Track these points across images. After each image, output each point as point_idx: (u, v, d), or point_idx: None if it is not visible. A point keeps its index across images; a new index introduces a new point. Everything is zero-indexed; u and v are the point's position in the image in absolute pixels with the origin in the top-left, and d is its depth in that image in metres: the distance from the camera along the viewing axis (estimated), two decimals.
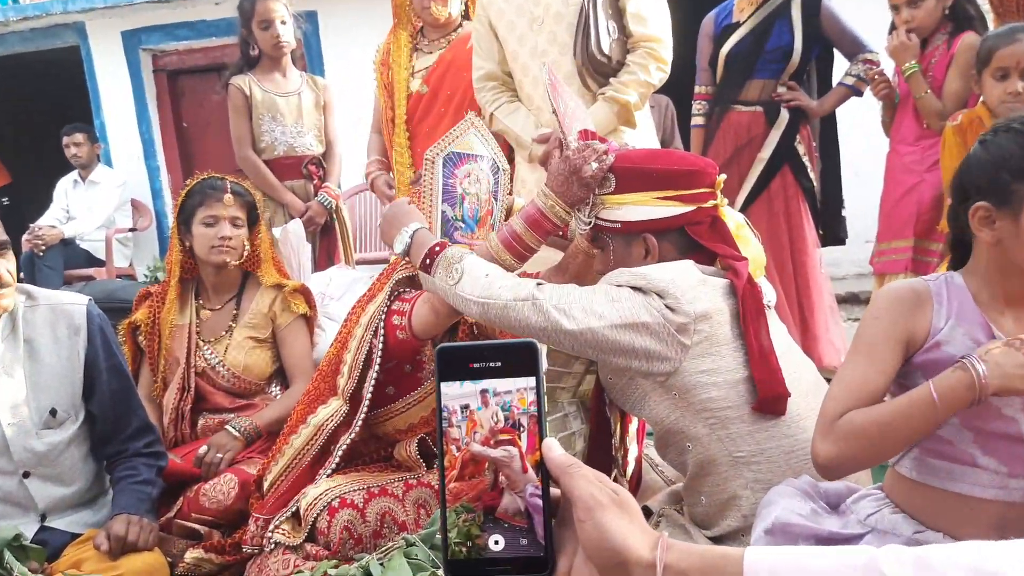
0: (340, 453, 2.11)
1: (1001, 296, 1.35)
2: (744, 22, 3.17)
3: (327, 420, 2.11)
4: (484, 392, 0.73)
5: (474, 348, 0.76)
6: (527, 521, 0.73)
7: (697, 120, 3.41)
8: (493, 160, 2.16)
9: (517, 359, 0.74)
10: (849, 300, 5.10)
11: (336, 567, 1.34)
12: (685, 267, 1.66)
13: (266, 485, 2.20)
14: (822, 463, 1.39)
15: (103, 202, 6.00)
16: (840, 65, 3.37)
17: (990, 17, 3.03)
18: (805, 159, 3.23)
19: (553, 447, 0.73)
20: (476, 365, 0.73)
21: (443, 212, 2.08)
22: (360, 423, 2.10)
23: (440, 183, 2.08)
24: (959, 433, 1.34)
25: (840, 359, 2.85)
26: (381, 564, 1.28)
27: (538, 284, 1.65)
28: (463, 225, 2.09)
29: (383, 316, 2.05)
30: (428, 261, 1.77)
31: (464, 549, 0.73)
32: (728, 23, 3.24)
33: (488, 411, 0.73)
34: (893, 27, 2.97)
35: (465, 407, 0.73)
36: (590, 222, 1.77)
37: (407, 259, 1.89)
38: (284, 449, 2.17)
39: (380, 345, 2.05)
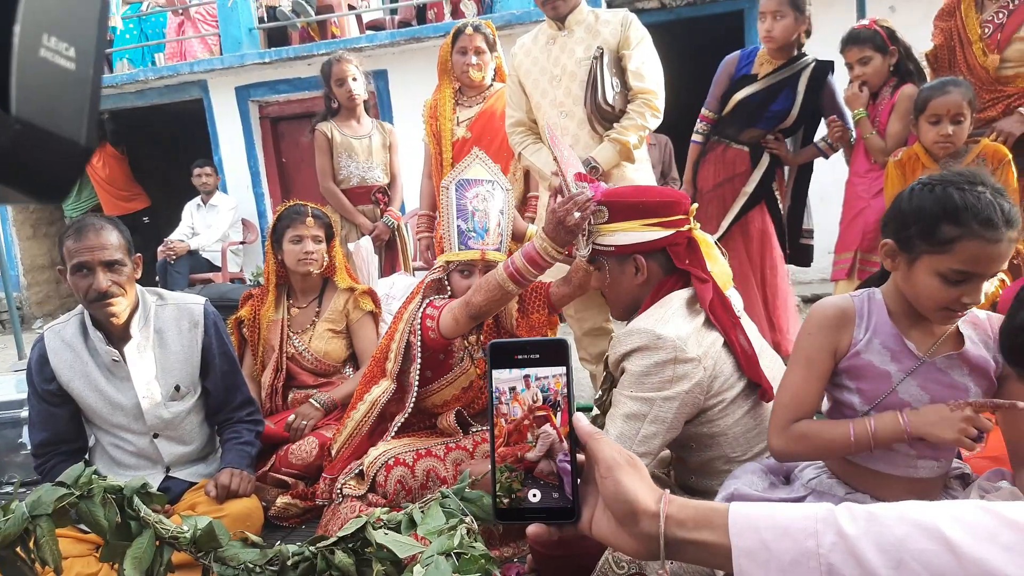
0: (396, 428, 2.14)
1: (912, 311, 1.33)
2: (761, 78, 3.04)
3: (379, 396, 2.14)
4: (527, 377, 0.74)
5: (519, 343, 0.76)
6: (558, 480, 0.74)
7: (697, 137, 3.27)
8: (496, 182, 2.17)
9: (552, 352, 0.75)
10: (813, 300, 5.01)
11: (387, 514, 1.36)
12: (680, 314, 1.60)
13: (334, 450, 2.23)
14: (776, 454, 1.43)
15: (220, 221, 6.08)
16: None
17: (928, 72, 2.96)
18: (777, 195, 3.17)
19: (581, 419, 0.74)
20: (520, 356, 0.75)
21: (458, 226, 2.10)
22: (412, 404, 2.12)
23: (454, 204, 2.10)
24: None
25: None
26: (422, 511, 1.30)
27: None
28: (475, 234, 2.11)
29: (419, 318, 2.07)
30: None
31: (507, 500, 0.74)
32: (747, 72, 3.10)
33: (530, 392, 0.74)
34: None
35: (512, 389, 0.74)
36: (589, 247, 1.74)
37: None
38: (347, 422, 2.20)
39: (419, 343, 2.06)
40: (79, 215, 7.15)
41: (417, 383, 2.09)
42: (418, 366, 2.07)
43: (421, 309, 2.09)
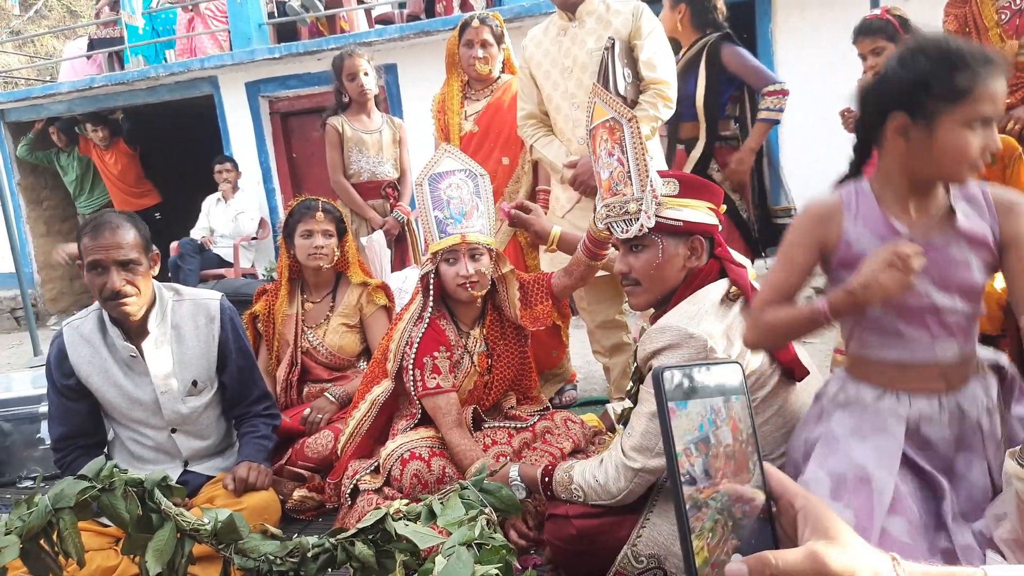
0: (408, 429, 2.17)
1: (903, 195, 1.32)
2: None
3: (378, 396, 2.18)
4: (727, 400, 0.61)
5: (693, 368, 0.61)
6: (764, 523, 0.60)
7: None
8: (469, 170, 2.19)
9: (727, 378, 0.62)
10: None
11: (406, 506, 1.36)
12: (712, 311, 1.57)
13: (339, 448, 2.25)
14: (749, 345, 1.46)
15: (247, 227, 6.11)
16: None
17: None
18: (725, 185, 3.01)
19: (774, 469, 0.62)
20: (699, 384, 0.60)
21: (435, 217, 2.14)
22: (420, 412, 2.15)
23: (429, 198, 2.14)
24: (882, 313, 1.31)
25: None
26: (441, 503, 1.30)
27: (624, 454, 1.57)
28: (452, 220, 2.14)
29: (411, 357, 2.13)
30: (549, 493, 1.74)
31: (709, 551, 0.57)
32: None
33: (729, 421, 0.60)
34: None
35: (715, 412, 0.60)
36: (652, 219, 1.63)
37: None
38: (348, 421, 2.24)
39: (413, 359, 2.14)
40: (92, 212, 7.20)
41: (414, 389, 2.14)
42: (411, 375, 2.14)
43: (411, 344, 2.14)
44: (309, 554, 1.36)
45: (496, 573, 1.02)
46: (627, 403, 1.80)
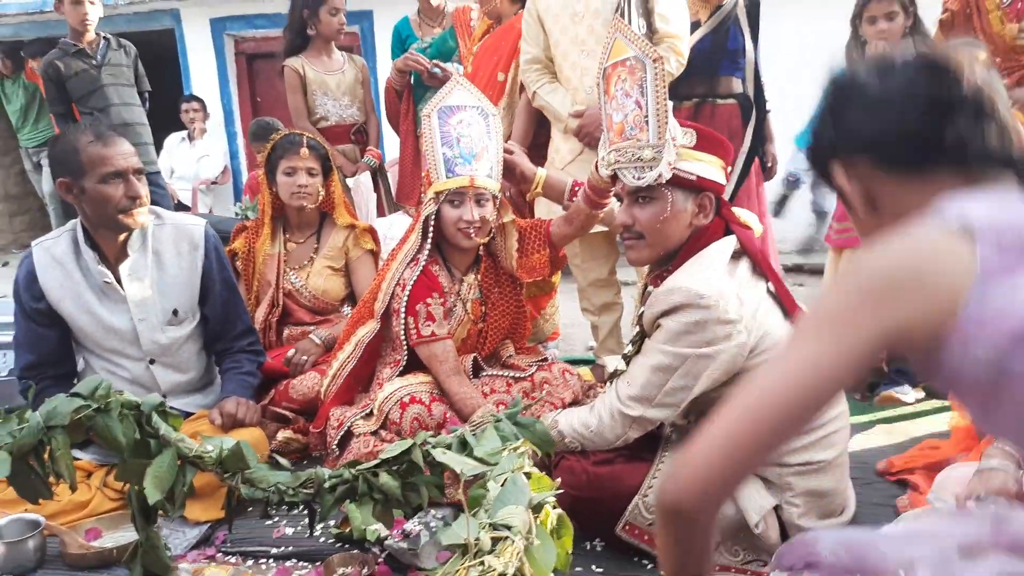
0: (394, 376, 2.09)
1: None
2: (704, 22, 2.84)
3: (363, 336, 2.11)
4: None
5: None
6: None
7: None
8: (481, 108, 2.09)
9: None
10: (794, 270, 5.10)
11: (433, 437, 1.30)
12: (721, 270, 1.52)
13: (322, 390, 2.19)
14: None
15: (208, 164, 5.88)
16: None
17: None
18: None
19: None
20: None
21: (443, 154, 2.02)
22: (405, 358, 2.08)
23: (438, 132, 2.02)
24: None
25: None
26: (474, 435, 1.24)
27: (621, 402, 1.55)
28: (461, 160, 2.03)
29: (404, 299, 2.05)
30: None
31: None
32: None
33: None
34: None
35: None
36: (670, 172, 1.56)
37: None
38: (332, 362, 2.17)
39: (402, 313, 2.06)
40: (36, 146, 6.77)
41: (404, 339, 2.06)
42: (403, 322, 2.06)
43: (403, 286, 2.05)
44: (326, 485, 1.29)
45: (553, 500, 0.97)
46: (621, 364, 1.73)
